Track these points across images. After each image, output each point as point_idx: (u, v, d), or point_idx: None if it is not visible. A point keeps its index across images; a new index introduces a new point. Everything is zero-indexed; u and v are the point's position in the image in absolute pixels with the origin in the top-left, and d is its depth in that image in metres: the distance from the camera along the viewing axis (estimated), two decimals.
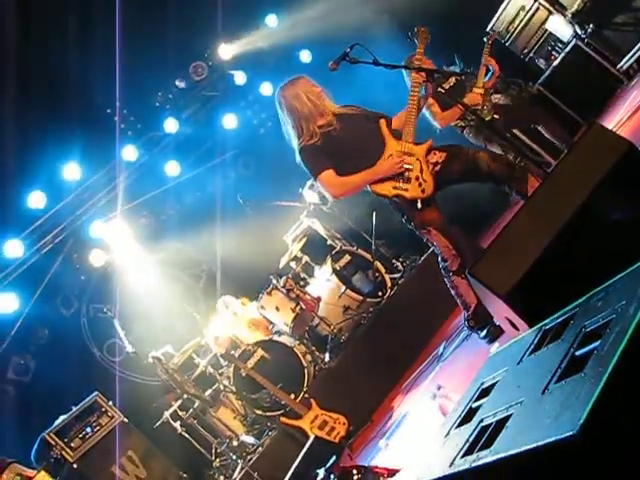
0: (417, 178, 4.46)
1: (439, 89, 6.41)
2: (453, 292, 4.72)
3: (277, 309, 6.60)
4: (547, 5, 7.46)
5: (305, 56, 9.31)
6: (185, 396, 6.33)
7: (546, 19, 7.59)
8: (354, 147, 4.63)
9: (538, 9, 7.57)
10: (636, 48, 6.94)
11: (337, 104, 4.92)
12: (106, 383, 7.03)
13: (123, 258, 7.86)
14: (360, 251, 7.28)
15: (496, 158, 4.68)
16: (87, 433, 5.97)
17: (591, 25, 7.12)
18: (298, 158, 4.79)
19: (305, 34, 8.80)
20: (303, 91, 4.79)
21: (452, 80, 6.55)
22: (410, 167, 4.49)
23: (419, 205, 4.49)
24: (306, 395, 6.12)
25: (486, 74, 6.52)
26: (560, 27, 7.52)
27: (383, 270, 7.18)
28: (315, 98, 4.77)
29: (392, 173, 4.49)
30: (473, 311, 4.61)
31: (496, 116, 6.35)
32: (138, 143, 8.28)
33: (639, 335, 1.59)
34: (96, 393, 6.26)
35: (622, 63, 7.10)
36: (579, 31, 7.24)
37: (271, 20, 9.03)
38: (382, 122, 4.65)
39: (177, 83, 8.60)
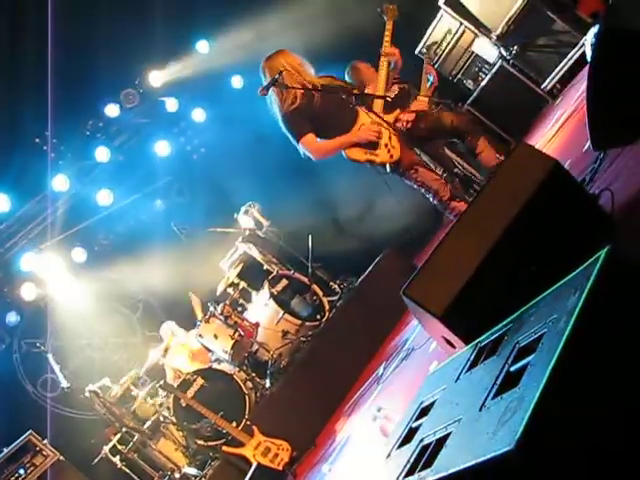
0: (386, 145, 5.01)
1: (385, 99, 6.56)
2: None
3: (215, 337, 6.52)
4: (472, 28, 7.64)
5: (236, 82, 9.31)
6: (124, 429, 6.18)
7: (472, 42, 7.78)
8: (330, 116, 5.16)
9: (464, 32, 7.75)
10: (558, 68, 7.17)
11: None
12: (41, 421, 6.81)
13: (56, 291, 7.67)
14: (297, 275, 7.26)
15: (458, 115, 5.29)
16: (20, 475, 5.78)
17: (515, 47, 7.32)
18: (281, 124, 5.25)
19: (236, 60, 8.81)
20: (285, 61, 5.23)
21: (396, 89, 6.64)
22: (380, 135, 5.03)
23: (387, 169, 5.07)
24: (248, 422, 6.04)
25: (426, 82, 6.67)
26: (486, 49, 7.72)
27: (321, 293, 7.17)
28: (296, 67, 5.21)
29: (365, 139, 5.03)
30: None
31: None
32: (69, 172, 8.10)
33: (570, 348, 1.62)
34: (29, 432, 6.06)
35: (546, 83, 7.32)
36: (504, 53, 7.43)
37: (202, 46, 9.01)
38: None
39: (108, 111, 8.48)
